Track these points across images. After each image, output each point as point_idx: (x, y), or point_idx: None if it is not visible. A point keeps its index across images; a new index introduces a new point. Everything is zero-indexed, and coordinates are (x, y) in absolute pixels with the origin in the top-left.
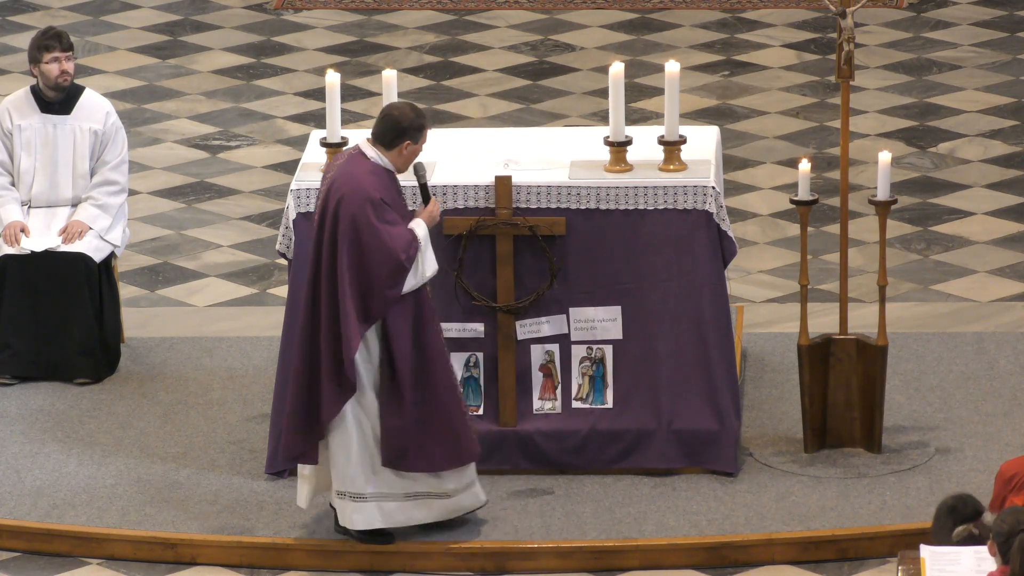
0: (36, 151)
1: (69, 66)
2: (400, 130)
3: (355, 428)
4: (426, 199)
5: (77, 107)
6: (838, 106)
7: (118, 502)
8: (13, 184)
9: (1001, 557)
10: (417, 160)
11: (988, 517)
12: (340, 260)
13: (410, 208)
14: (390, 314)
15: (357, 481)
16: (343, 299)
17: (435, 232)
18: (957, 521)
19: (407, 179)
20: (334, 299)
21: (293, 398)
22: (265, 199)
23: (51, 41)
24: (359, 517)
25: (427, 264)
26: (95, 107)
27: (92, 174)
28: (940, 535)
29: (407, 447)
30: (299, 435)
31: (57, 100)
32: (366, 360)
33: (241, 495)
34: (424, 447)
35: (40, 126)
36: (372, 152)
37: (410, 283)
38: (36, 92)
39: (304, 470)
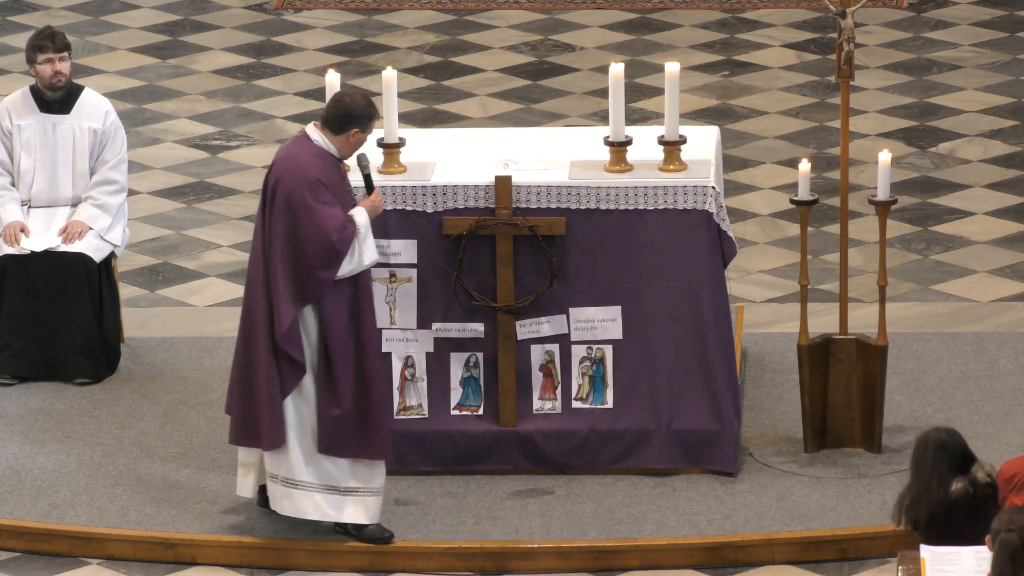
0: (36, 151)
1: (63, 67)
2: (351, 117)
3: (293, 413)
4: (369, 189)
5: (76, 106)
6: (838, 106)
7: (118, 502)
8: (13, 184)
9: None
10: (360, 151)
11: (979, 472)
12: (274, 239)
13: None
14: (326, 300)
15: (291, 466)
16: (275, 278)
17: (435, 232)
18: (949, 459)
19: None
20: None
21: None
22: None
23: (44, 41)
24: (288, 504)
25: (366, 252)
26: (94, 106)
27: (92, 173)
28: (925, 471)
29: (345, 435)
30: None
31: (56, 99)
32: (306, 345)
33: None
34: (362, 436)
35: (39, 126)
36: (317, 136)
37: (345, 268)
38: (35, 92)
39: (250, 457)
